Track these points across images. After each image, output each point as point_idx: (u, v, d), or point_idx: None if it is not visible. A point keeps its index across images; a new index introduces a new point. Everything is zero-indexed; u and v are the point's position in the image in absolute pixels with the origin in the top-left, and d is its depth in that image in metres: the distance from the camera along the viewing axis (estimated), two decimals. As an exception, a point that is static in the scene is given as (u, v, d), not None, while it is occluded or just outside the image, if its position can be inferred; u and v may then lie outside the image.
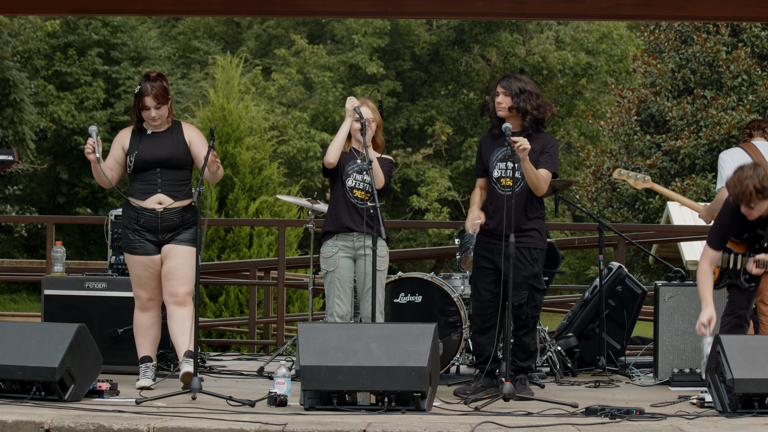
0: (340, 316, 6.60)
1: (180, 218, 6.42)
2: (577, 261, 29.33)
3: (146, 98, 6.38)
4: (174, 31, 31.31)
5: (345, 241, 6.61)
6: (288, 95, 28.20)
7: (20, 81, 20.64)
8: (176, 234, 6.42)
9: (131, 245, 6.45)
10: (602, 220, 9.27)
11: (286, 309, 13.88)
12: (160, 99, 6.39)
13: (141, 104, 6.41)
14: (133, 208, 6.43)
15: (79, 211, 25.87)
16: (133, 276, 6.53)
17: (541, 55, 29.39)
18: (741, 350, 5.53)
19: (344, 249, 6.61)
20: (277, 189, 16.32)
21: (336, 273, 6.60)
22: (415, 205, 27.16)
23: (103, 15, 24.53)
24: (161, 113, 6.43)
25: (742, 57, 21.45)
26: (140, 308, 6.56)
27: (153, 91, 6.36)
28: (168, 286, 6.42)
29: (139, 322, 6.56)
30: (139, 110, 6.46)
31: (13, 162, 7.14)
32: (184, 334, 6.37)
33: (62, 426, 4.97)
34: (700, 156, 21.41)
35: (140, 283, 6.51)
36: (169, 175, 6.41)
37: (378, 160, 6.66)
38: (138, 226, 6.40)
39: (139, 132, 6.53)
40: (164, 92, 6.40)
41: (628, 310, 7.99)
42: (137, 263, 6.46)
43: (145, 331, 6.54)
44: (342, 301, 6.60)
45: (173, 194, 6.39)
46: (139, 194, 6.41)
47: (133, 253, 6.45)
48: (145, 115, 6.44)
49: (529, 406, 5.76)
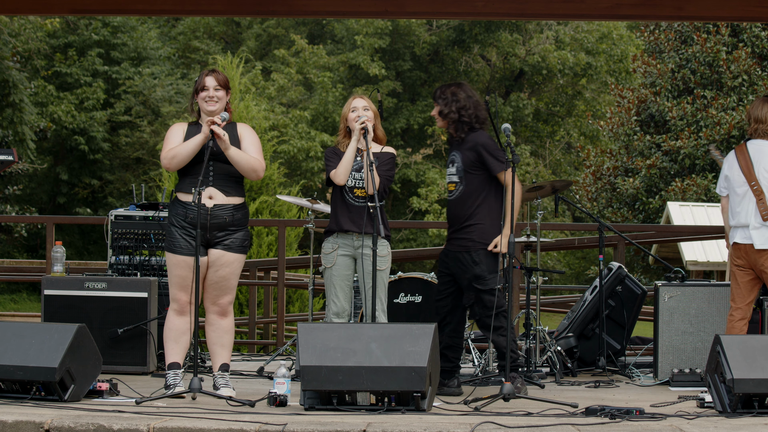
0: (335, 313, 6.56)
1: (231, 217, 6.12)
2: (577, 261, 29.32)
3: (206, 78, 6.16)
4: (174, 31, 31.31)
5: (345, 239, 6.57)
6: (288, 95, 28.20)
7: (20, 81, 20.64)
8: (225, 237, 6.12)
9: (176, 244, 6.08)
10: (602, 220, 9.27)
11: (286, 309, 13.89)
12: (221, 82, 6.19)
13: (201, 85, 6.16)
14: (182, 204, 6.10)
15: (79, 211, 25.88)
16: (175, 277, 6.11)
17: (541, 55, 29.40)
18: (741, 350, 5.53)
19: (344, 247, 6.57)
20: (277, 189, 16.32)
21: (333, 270, 6.56)
22: (415, 206, 27.16)
23: (103, 15, 24.53)
24: (219, 95, 6.16)
25: (743, 57, 21.46)
26: (178, 311, 6.14)
27: (214, 74, 6.21)
28: (213, 295, 6.15)
29: (174, 326, 6.15)
30: (195, 99, 6.22)
31: (13, 162, 7.12)
32: (223, 347, 6.20)
33: (62, 426, 4.97)
34: (700, 156, 21.41)
35: (182, 284, 6.11)
36: (222, 170, 6.10)
37: (380, 155, 6.58)
38: (186, 222, 6.08)
39: (195, 125, 6.25)
40: (225, 79, 6.24)
41: (628, 310, 7.99)
42: (182, 263, 6.07)
43: (178, 336, 6.14)
44: (338, 298, 6.56)
45: (225, 190, 6.10)
46: (189, 188, 6.07)
47: (178, 252, 6.07)
48: (202, 95, 6.16)
49: (529, 406, 5.76)
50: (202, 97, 6.20)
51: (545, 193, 7.98)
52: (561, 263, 29.69)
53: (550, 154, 31.39)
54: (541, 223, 7.95)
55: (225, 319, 6.22)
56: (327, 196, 26.20)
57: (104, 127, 25.50)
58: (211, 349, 6.26)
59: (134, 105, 25.94)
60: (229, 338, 6.24)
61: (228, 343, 6.24)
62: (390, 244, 6.68)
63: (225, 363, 6.20)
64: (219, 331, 6.21)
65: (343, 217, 6.53)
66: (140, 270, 7.61)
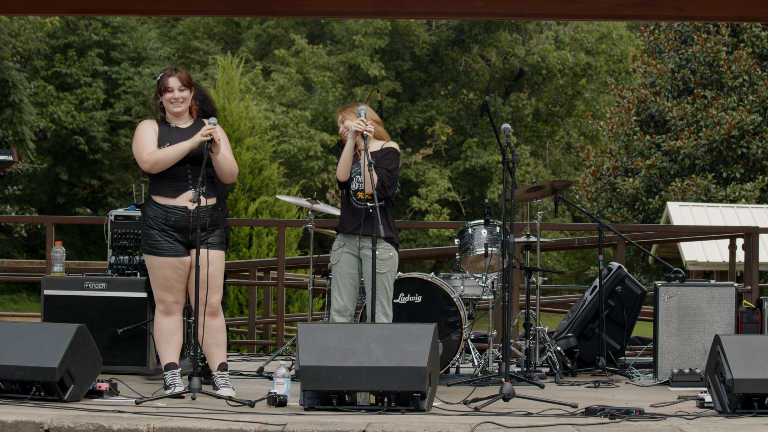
0: (336, 310, 6.64)
1: (210, 217, 6.13)
2: (576, 261, 29.34)
3: (170, 78, 6.09)
4: (174, 31, 31.31)
5: (350, 240, 6.66)
6: (288, 95, 28.20)
7: (20, 81, 20.63)
8: (206, 236, 6.10)
9: (158, 246, 6.07)
10: (602, 220, 9.27)
11: (286, 309, 13.89)
12: (185, 82, 6.14)
13: (164, 87, 6.11)
14: (161, 207, 6.08)
15: (79, 212, 25.87)
16: (159, 279, 6.11)
17: (540, 55, 29.39)
18: (741, 350, 5.53)
19: (349, 246, 6.67)
20: (277, 189, 16.33)
21: (337, 267, 6.67)
22: (416, 206, 27.15)
23: (103, 15, 24.52)
24: (185, 95, 6.15)
25: (743, 57, 21.46)
26: (165, 312, 6.16)
27: (177, 73, 6.13)
28: (202, 296, 6.08)
29: (164, 327, 6.15)
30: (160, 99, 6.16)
31: (13, 162, 7.11)
32: (218, 346, 6.19)
33: (62, 426, 4.97)
34: (700, 156, 21.40)
35: (167, 286, 6.12)
36: (198, 172, 6.02)
37: (381, 151, 6.67)
38: (166, 225, 6.07)
39: (165, 125, 6.19)
40: (188, 78, 6.18)
41: (628, 310, 7.99)
42: (165, 265, 6.08)
43: (169, 337, 6.14)
44: (341, 296, 6.63)
45: (205, 192, 6.04)
46: (169, 191, 6.07)
47: (161, 254, 6.07)
48: (167, 97, 6.12)
49: (529, 406, 5.76)
50: (167, 99, 6.16)
51: (545, 193, 7.99)
52: (561, 263, 29.70)
53: (549, 154, 31.39)
54: (540, 223, 7.96)
55: (217, 318, 6.23)
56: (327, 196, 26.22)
57: (104, 128, 25.48)
58: (207, 351, 6.25)
59: (134, 105, 25.93)
60: (223, 337, 6.26)
61: (223, 342, 6.25)
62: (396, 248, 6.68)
63: (223, 362, 6.20)
64: (213, 331, 6.21)
65: (347, 219, 6.65)
66: (140, 270, 7.60)
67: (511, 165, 6.37)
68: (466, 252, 7.50)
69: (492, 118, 6.78)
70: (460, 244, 7.57)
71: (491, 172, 28.68)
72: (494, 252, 7.39)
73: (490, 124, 6.80)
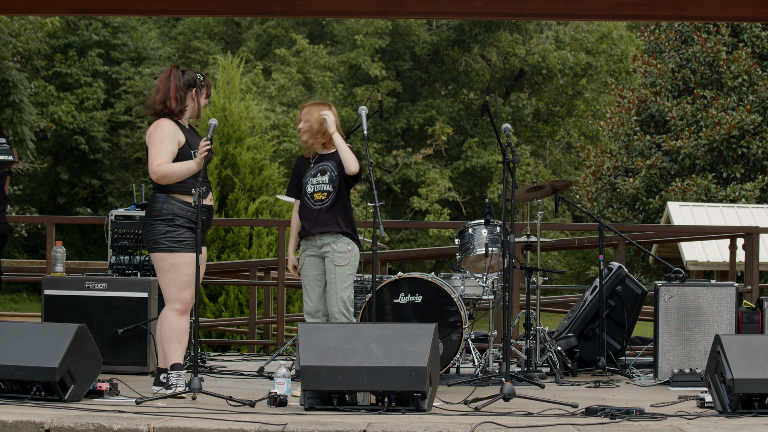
0: (307, 312, 6.89)
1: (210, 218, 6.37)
2: (577, 261, 29.34)
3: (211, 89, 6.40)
4: (174, 31, 31.32)
5: (311, 241, 6.87)
6: (288, 95, 28.21)
7: (20, 81, 20.63)
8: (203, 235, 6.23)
9: (187, 243, 6.07)
10: (602, 220, 9.27)
11: (286, 309, 13.88)
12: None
13: (207, 93, 6.38)
14: (190, 206, 6.10)
15: (79, 211, 25.88)
16: (185, 276, 6.08)
17: (540, 55, 29.40)
18: (741, 350, 5.53)
19: (311, 248, 6.88)
20: (277, 189, 16.32)
21: (303, 271, 6.92)
22: (416, 206, 27.15)
23: (104, 15, 24.53)
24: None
25: (743, 57, 21.46)
26: (182, 311, 6.11)
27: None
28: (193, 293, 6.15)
29: (177, 326, 6.09)
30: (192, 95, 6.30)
31: (13, 162, 7.11)
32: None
33: (62, 426, 4.97)
34: (700, 156, 21.40)
35: (190, 282, 6.08)
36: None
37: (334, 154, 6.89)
38: (194, 223, 6.09)
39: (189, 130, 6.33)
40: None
41: (628, 310, 7.99)
42: (191, 262, 6.06)
43: (181, 337, 6.10)
44: (309, 298, 6.90)
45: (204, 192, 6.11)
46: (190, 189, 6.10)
47: (189, 251, 6.06)
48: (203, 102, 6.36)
49: (529, 406, 5.76)
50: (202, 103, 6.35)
51: (545, 193, 7.99)
52: (561, 263, 29.70)
53: (550, 154, 31.39)
54: (541, 223, 7.95)
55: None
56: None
57: (104, 127, 25.49)
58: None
59: (134, 105, 25.94)
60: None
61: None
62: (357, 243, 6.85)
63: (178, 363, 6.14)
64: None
65: (306, 223, 6.87)
66: (140, 270, 7.61)
67: (512, 165, 6.38)
68: (466, 252, 7.50)
69: (492, 118, 6.79)
70: (461, 244, 7.57)
71: (491, 172, 28.68)
72: (495, 252, 7.39)
73: (491, 124, 6.82)
